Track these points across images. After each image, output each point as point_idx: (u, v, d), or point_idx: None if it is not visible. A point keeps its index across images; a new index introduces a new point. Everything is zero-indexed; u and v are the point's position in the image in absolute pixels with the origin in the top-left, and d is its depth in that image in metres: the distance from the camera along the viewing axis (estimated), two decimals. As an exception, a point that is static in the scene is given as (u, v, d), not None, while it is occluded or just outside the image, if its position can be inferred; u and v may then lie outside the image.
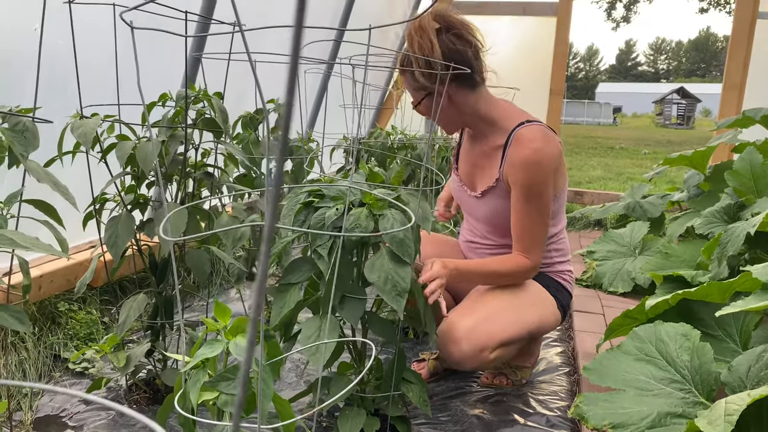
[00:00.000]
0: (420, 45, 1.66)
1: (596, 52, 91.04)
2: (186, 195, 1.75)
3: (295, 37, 0.22)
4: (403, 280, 1.31)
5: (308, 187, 1.43)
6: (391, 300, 1.29)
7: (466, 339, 1.66)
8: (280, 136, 0.27)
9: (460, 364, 1.72)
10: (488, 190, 1.83)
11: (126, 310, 1.60)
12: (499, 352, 1.71)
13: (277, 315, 1.38)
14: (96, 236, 1.96)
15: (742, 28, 4.36)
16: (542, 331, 1.88)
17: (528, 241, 1.76)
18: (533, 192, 1.72)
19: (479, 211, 1.90)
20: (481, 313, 1.72)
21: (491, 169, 1.83)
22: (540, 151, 1.71)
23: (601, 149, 13.96)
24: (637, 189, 4.06)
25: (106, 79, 2.14)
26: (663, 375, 1.44)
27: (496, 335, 1.69)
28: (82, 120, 1.47)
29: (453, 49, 1.68)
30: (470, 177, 1.92)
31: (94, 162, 1.58)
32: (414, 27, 1.69)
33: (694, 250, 2.63)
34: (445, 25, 1.69)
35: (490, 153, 1.84)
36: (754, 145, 2.81)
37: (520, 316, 1.77)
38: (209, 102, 1.60)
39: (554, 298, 1.87)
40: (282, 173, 0.32)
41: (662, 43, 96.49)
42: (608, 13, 29.52)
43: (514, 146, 1.75)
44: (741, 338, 1.67)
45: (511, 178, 1.75)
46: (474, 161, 1.90)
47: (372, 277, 1.33)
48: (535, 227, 1.75)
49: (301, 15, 0.21)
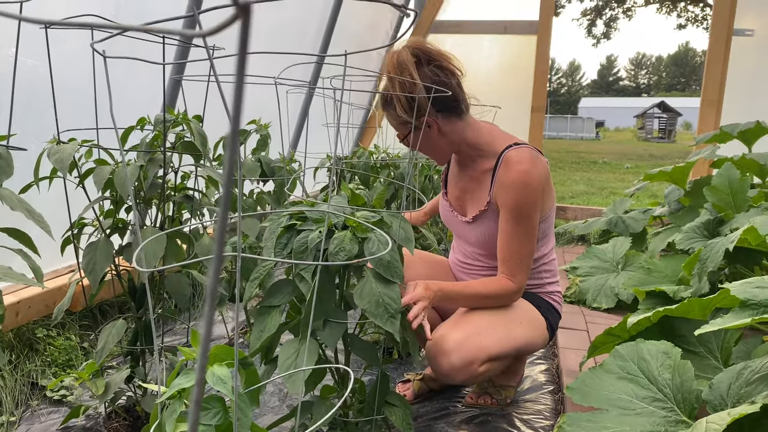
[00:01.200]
0: (401, 83, 1.65)
1: (578, 68, 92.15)
2: (166, 218, 1.74)
3: (235, 104, 0.21)
4: (394, 302, 1.31)
5: (288, 211, 1.42)
6: (384, 323, 1.28)
7: (456, 351, 1.66)
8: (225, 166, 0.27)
9: (449, 376, 1.71)
10: (480, 215, 1.84)
11: (105, 336, 1.58)
12: (487, 366, 1.71)
13: (257, 338, 1.36)
14: (75, 260, 1.94)
15: (718, 45, 4.44)
16: (530, 350, 1.88)
17: (513, 263, 1.76)
18: (522, 214, 1.73)
19: (471, 235, 1.90)
20: (472, 327, 1.72)
21: (481, 193, 1.83)
22: (528, 173, 1.72)
23: (584, 164, 14.09)
24: (619, 204, 4.10)
25: (84, 103, 2.13)
26: (645, 393, 1.44)
27: (486, 349, 1.70)
28: (59, 145, 1.46)
29: (437, 81, 1.68)
30: (460, 202, 1.92)
31: (71, 186, 1.57)
32: (392, 65, 1.66)
33: (676, 265, 2.65)
34: (424, 57, 1.69)
35: (479, 177, 1.84)
36: (732, 160, 2.85)
37: (510, 332, 1.77)
38: (188, 125, 1.59)
39: (544, 318, 1.87)
40: (228, 202, 0.32)
41: (642, 58, 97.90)
42: (589, 30, 29.95)
43: (503, 169, 1.76)
44: (722, 354, 1.68)
45: (500, 200, 1.76)
46: (463, 186, 1.91)
47: (362, 303, 1.32)
48: (522, 250, 1.75)
49: (240, 81, 0.21)
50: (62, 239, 1.59)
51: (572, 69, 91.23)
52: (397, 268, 1.34)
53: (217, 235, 0.36)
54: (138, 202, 1.66)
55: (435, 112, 1.72)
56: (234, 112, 0.22)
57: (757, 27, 4.54)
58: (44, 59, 1.50)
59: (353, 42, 4.80)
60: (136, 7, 2.48)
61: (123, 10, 2.36)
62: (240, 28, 0.20)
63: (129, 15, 2.38)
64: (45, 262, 2.15)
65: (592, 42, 31.28)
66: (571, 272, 3.26)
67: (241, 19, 0.20)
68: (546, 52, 4.76)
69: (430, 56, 1.70)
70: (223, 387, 0.93)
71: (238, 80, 0.22)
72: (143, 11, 2.51)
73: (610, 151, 19.95)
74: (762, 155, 2.96)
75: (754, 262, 2.21)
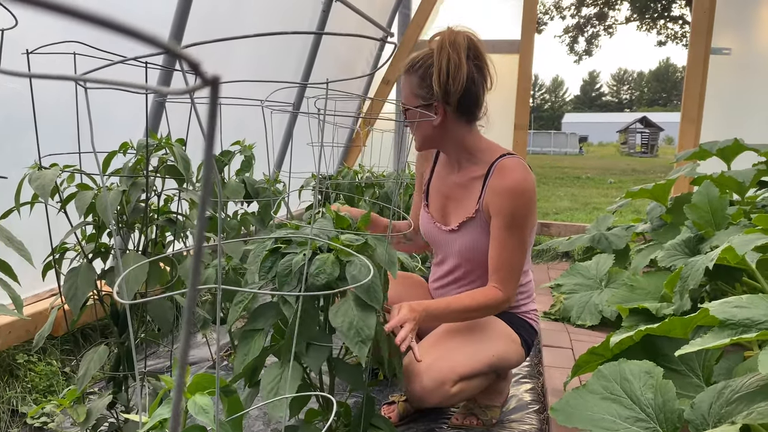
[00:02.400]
0: (449, 58, 1.66)
1: (561, 84, 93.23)
2: (149, 242, 1.73)
3: (206, 174, 0.22)
4: (368, 327, 1.31)
5: (270, 237, 1.42)
6: (354, 346, 1.28)
7: (426, 373, 1.67)
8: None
9: (423, 399, 1.71)
10: (466, 222, 1.82)
11: (86, 362, 1.56)
12: (461, 386, 1.71)
13: (240, 363, 1.36)
14: (57, 284, 1.92)
15: (696, 64, 4.52)
16: (505, 366, 1.88)
17: (505, 272, 1.76)
18: (516, 222, 1.73)
19: (454, 245, 1.88)
20: (441, 349, 1.73)
21: (469, 200, 1.83)
22: (524, 181, 1.73)
23: (568, 179, 14.20)
24: (602, 220, 4.13)
25: (66, 127, 2.12)
26: (628, 414, 1.45)
27: (456, 368, 1.70)
28: (41, 171, 1.46)
29: (471, 78, 1.69)
30: (443, 211, 1.92)
31: (53, 211, 1.56)
32: (448, 40, 1.67)
33: (659, 281, 2.68)
34: (473, 51, 1.70)
35: (467, 184, 1.84)
36: (711, 178, 2.89)
37: (479, 350, 1.77)
38: (171, 149, 1.59)
39: (518, 335, 1.88)
40: (203, 237, 0.32)
41: (624, 73, 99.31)
42: (571, 47, 30.35)
43: (497, 175, 1.76)
44: (704, 372, 1.70)
45: (493, 207, 1.75)
46: (447, 194, 1.90)
47: (336, 322, 1.32)
48: (514, 259, 1.75)
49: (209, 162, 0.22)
50: (43, 264, 1.58)
51: (555, 85, 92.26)
52: (377, 293, 1.34)
53: (192, 272, 0.36)
54: (121, 227, 1.66)
55: (454, 103, 1.71)
56: (204, 179, 0.22)
57: (734, 46, 4.63)
58: (26, 83, 1.50)
59: (337, 62, 4.83)
60: (117, 36, 2.48)
61: (104, 38, 2.36)
62: (209, 100, 0.21)
63: (111, 40, 2.38)
64: (26, 285, 2.13)
65: (574, 59, 31.67)
66: (555, 289, 3.28)
67: (209, 89, 0.21)
68: (528, 70, 4.82)
69: (477, 53, 1.71)
70: (205, 417, 0.92)
71: (207, 150, 0.22)
72: (124, 39, 2.51)
73: (593, 166, 20.14)
74: (740, 172, 3.00)
75: (735, 279, 2.24)
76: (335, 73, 4.82)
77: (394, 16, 5.31)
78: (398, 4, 5.24)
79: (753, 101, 4.68)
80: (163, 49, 0.19)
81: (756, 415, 1.19)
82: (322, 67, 4.30)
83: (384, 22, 5.14)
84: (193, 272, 0.26)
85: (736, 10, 4.64)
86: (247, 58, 3.50)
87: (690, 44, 4.57)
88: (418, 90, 1.73)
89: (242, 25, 3.38)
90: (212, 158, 0.22)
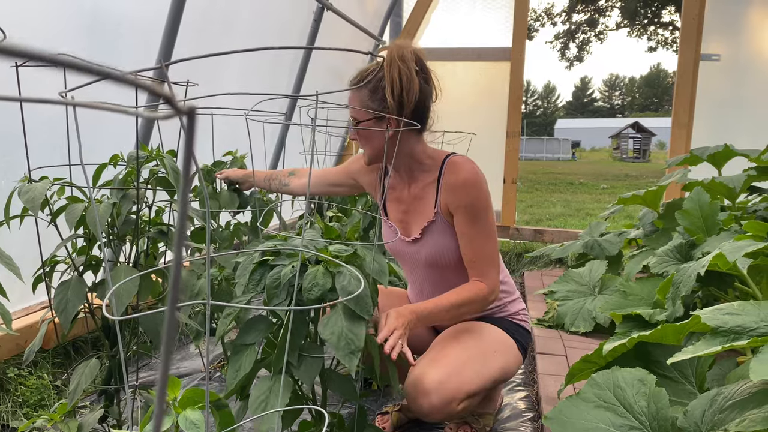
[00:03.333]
0: (400, 71, 1.67)
1: (553, 90, 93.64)
2: (140, 253, 1.73)
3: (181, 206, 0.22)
4: (357, 338, 1.30)
5: (258, 249, 1.42)
6: (343, 357, 1.28)
7: (436, 391, 1.65)
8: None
9: (429, 416, 1.70)
10: (427, 227, 1.83)
11: (77, 376, 1.55)
12: (466, 403, 1.70)
13: (232, 378, 1.35)
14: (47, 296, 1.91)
15: (686, 70, 4.55)
16: (507, 378, 1.88)
17: (481, 263, 1.76)
18: (477, 212, 1.74)
19: (421, 254, 1.87)
20: (450, 365, 1.70)
21: (426, 206, 1.84)
22: (476, 174, 1.76)
23: (561, 185, 14.25)
24: (595, 227, 4.15)
25: (57, 138, 2.12)
26: (622, 422, 1.45)
27: (465, 387, 1.68)
28: (31, 184, 1.45)
29: (422, 90, 1.71)
30: (404, 225, 1.91)
31: (43, 223, 1.55)
32: (397, 54, 1.68)
33: (651, 288, 2.68)
34: (420, 64, 1.72)
35: (421, 193, 1.85)
36: (702, 184, 2.91)
37: (486, 366, 1.76)
38: (161, 161, 1.59)
39: (515, 340, 1.88)
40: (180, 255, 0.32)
41: (616, 79, 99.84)
42: (562, 53, 30.52)
43: (449, 173, 1.78)
44: (697, 379, 1.70)
45: (452, 204, 1.76)
46: (405, 208, 1.90)
47: (325, 333, 1.32)
48: (486, 248, 1.76)
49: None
50: (33, 278, 1.57)
51: (547, 91, 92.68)
52: (366, 304, 1.34)
53: (170, 296, 0.35)
54: (112, 239, 1.65)
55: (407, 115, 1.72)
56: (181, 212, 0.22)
57: (723, 52, 4.67)
58: (14, 95, 1.50)
59: (329, 69, 4.84)
60: (109, 43, 2.48)
61: (96, 46, 2.36)
62: (186, 131, 0.21)
63: (101, 52, 2.38)
64: (17, 298, 2.12)
65: (566, 65, 31.85)
66: (549, 296, 3.28)
67: (186, 120, 0.21)
68: (520, 78, 4.84)
69: (423, 66, 1.74)
70: (196, 431, 0.92)
71: (184, 179, 0.22)
72: (115, 47, 2.51)
73: (586, 171, 20.22)
74: (731, 178, 3.02)
75: (727, 284, 2.25)
76: (327, 80, 4.83)
77: (386, 24, 5.33)
78: (390, 12, 5.26)
79: (743, 107, 4.72)
80: (135, 86, 0.19)
81: (748, 422, 1.19)
82: (315, 74, 4.31)
83: (376, 30, 5.16)
84: (171, 300, 0.26)
85: (724, 16, 4.68)
86: (240, 66, 3.50)
87: (680, 51, 4.61)
88: (369, 103, 1.73)
89: (235, 33, 3.39)
90: (188, 191, 0.22)
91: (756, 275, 2.13)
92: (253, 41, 3.62)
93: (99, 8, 2.40)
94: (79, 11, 2.30)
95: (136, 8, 2.58)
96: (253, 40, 3.63)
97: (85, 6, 2.32)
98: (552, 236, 5.01)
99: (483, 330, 1.84)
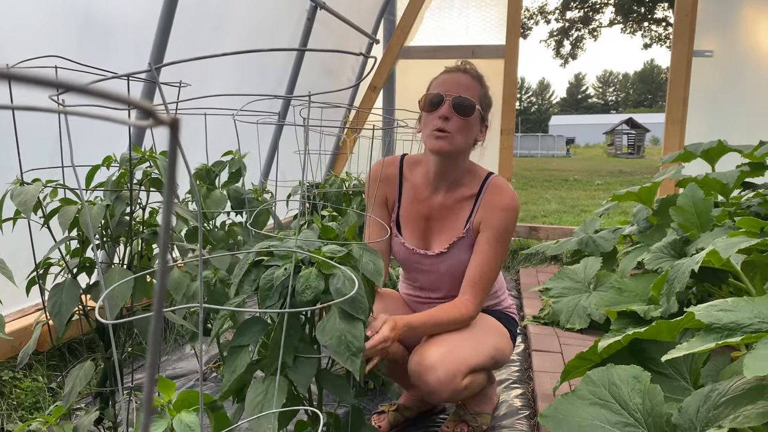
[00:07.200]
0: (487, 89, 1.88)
1: (547, 86, 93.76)
2: (135, 255, 1.72)
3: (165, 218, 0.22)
4: (357, 340, 1.30)
5: (252, 251, 1.41)
6: (345, 362, 1.28)
7: (441, 365, 1.69)
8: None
9: (436, 392, 1.71)
10: (456, 243, 1.85)
11: (72, 379, 1.55)
12: (469, 379, 1.75)
13: (228, 380, 1.34)
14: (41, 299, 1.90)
15: (679, 67, 4.56)
16: (502, 359, 1.91)
17: (482, 285, 1.81)
18: (503, 238, 1.82)
19: (442, 267, 1.89)
20: (448, 344, 1.75)
21: (456, 221, 1.86)
22: (517, 201, 1.85)
23: (556, 181, 14.27)
24: (589, 223, 4.15)
25: (49, 140, 2.11)
26: (617, 419, 1.45)
27: (467, 360, 1.74)
28: (23, 186, 1.44)
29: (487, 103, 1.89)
30: (424, 236, 1.91)
31: (36, 226, 1.54)
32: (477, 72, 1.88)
33: (646, 284, 2.69)
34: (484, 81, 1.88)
35: (454, 206, 1.86)
36: (696, 180, 2.91)
37: (482, 342, 1.82)
38: (155, 162, 1.59)
39: (506, 329, 1.96)
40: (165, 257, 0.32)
41: (610, 75, 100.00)
42: (556, 50, 30.55)
43: (492, 193, 1.84)
44: (691, 375, 1.71)
45: (486, 223, 1.81)
46: (429, 216, 1.89)
47: (324, 339, 1.31)
48: (492, 273, 1.83)
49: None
50: (27, 281, 1.56)
51: (542, 88, 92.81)
52: (362, 304, 1.33)
53: (157, 297, 0.35)
54: (105, 241, 1.65)
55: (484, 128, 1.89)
56: (164, 223, 0.22)
57: (715, 48, 4.68)
58: (6, 98, 1.49)
59: (323, 67, 4.83)
60: (101, 41, 2.47)
61: (86, 47, 2.35)
62: (169, 141, 0.21)
63: (92, 52, 2.37)
64: (11, 300, 2.11)
65: (560, 62, 31.88)
66: (544, 293, 3.29)
67: (169, 130, 0.21)
68: (514, 75, 4.84)
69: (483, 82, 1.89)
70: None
71: (168, 191, 0.22)
72: (107, 46, 2.50)
73: (580, 168, 20.25)
74: (724, 174, 3.03)
75: (721, 280, 2.26)
76: (321, 78, 4.82)
77: (379, 22, 5.32)
78: (383, 10, 5.26)
79: (736, 102, 4.73)
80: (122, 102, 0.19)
81: (743, 418, 1.19)
82: (308, 72, 4.30)
83: (369, 28, 5.15)
84: (157, 307, 0.26)
85: (717, 13, 4.69)
86: (233, 63, 3.49)
87: (673, 47, 4.61)
88: (483, 101, 1.85)
89: (228, 30, 3.38)
90: (172, 202, 0.22)
91: (750, 271, 2.14)
92: (247, 38, 3.61)
93: (92, 6, 2.39)
94: (71, 9, 2.28)
95: (129, 6, 2.57)
96: (247, 37, 3.62)
97: (78, 3, 2.31)
98: (547, 233, 5.02)
99: (477, 318, 1.88)
